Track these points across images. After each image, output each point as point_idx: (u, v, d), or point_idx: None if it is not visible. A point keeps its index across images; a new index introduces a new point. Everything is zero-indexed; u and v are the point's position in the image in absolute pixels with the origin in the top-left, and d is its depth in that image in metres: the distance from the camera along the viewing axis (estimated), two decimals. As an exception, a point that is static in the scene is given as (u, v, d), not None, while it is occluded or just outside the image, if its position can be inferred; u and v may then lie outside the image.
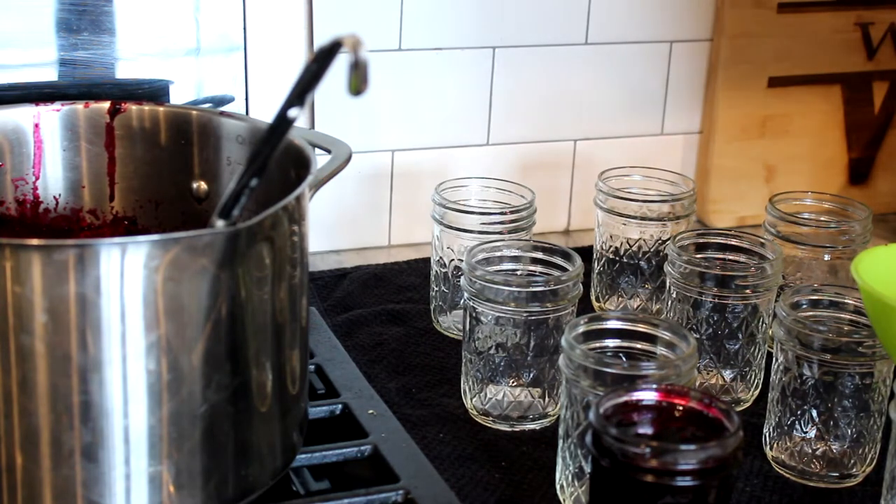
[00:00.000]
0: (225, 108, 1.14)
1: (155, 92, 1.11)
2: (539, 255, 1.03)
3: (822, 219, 1.15)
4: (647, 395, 0.74)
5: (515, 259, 1.03)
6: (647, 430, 0.74)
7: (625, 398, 0.75)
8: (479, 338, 0.99)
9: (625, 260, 1.18)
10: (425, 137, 1.32)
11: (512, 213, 1.13)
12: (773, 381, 0.96)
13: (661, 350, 0.89)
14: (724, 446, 0.70)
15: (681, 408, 0.74)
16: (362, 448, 0.91)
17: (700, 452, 0.70)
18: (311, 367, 1.01)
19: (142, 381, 0.75)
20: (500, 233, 1.12)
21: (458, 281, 1.08)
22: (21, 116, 0.98)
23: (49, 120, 0.98)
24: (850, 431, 0.93)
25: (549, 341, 0.98)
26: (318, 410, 0.95)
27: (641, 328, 0.90)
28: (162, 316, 0.74)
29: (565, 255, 1.01)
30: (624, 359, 0.89)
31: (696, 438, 0.72)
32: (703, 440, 0.71)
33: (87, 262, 0.72)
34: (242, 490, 0.82)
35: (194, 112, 1.00)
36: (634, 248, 1.17)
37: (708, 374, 1.04)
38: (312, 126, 1.25)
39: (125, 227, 1.01)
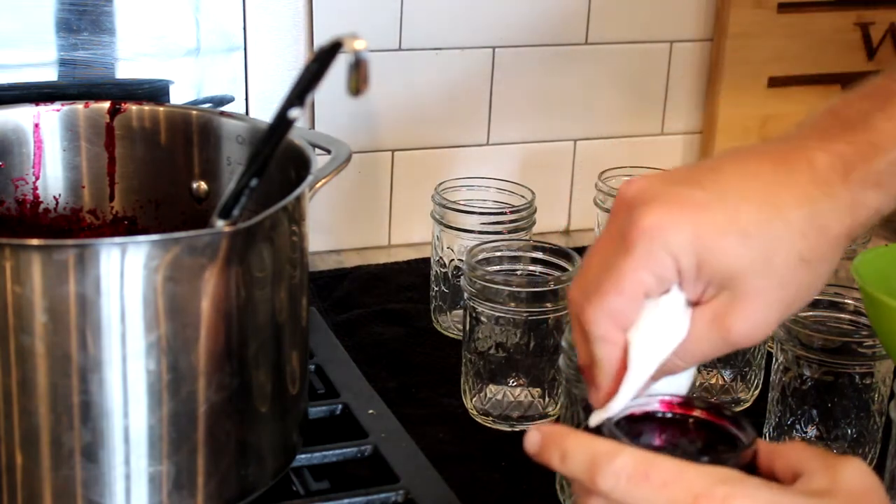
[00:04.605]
0: (225, 108, 1.14)
1: (155, 92, 1.11)
2: (539, 255, 1.03)
3: (822, 219, 1.15)
4: (659, 406, 0.73)
5: (515, 259, 1.04)
6: (658, 441, 0.72)
7: (635, 409, 0.74)
8: (479, 338, 0.99)
9: (625, 260, 1.18)
10: (425, 137, 1.32)
11: (512, 213, 1.13)
12: (773, 381, 0.96)
13: (661, 350, 0.89)
14: (740, 459, 0.69)
15: (692, 419, 0.73)
16: (362, 448, 0.91)
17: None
18: (311, 367, 1.01)
19: (142, 381, 0.75)
20: (500, 233, 1.12)
21: (458, 281, 1.08)
22: (21, 116, 0.98)
23: (49, 120, 0.98)
24: (850, 431, 0.93)
25: (549, 341, 0.98)
26: (318, 410, 0.95)
27: (641, 328, 0.90)
28: (162, 316, 0.74)
29: (565, 255, 1.01)
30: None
31: (710, 451, 0.71)
32: (717, 452, 0.70)
33: (87, 262, 0.72)
34: (242, 490, 0.82)
35: (194, 112, 1.00)
36: (634, 248, 1.17)
37: (708, 374, 1.04)
38: (312, 126, 1.25)
39: (125, 227, 1.01)
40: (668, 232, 0.65)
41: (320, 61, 0.72)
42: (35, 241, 0.72)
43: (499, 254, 1.03)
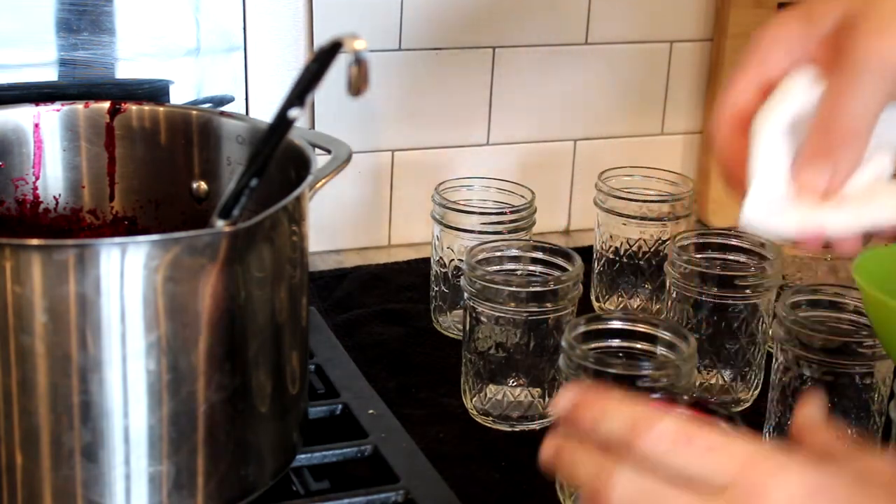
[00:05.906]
0: (225, 108, 1.14)
1: (155, 92, 1.11)
2: (539, 255, 1.03)
3: (822, 219, 1.15)
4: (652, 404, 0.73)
5: (515, 259, 1.03)
6: None
7: None
8: (479, 338, 0.99)
9: (625, 260, 1.18)
10: (425, 137, 1.32)
11: (512, 213, 1.13)
12: (773, 381, 0.96)
13: (661, 350, 0.89)
14: None
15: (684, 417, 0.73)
16: (362, 448, 0.91)
17: None
18: (311, 367, 1.01)
19: (142, 381, 0.75)
20: (500, 233, 1.12)
21: (458, 281, 1.08)
22: (21, 116, 0.98)
23: (49, 120, 0.98)
24: (849, 431, 0.93)
25: (549, 341, 0.98)
26: (318, 410, 0.95)
27: (641, 328, 0.90)
28: (162, 316, 0.74)
29: (565, 255, 1.01)
30: (624, 359, 0.89)
31: None
32: None
33: (87, 262, 0.72)
34: (242, 490, 0.82)
35: (194, 112, 1.00)
36: (634, 248, 1.17)
37: (708, 374, 1.04)
38: (312, 126, 1.25)
39: (125, 227, 1.01)
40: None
41: (320, 61, 0.72)
42: (35, 241, 0.72)
43: (499, 254, 1.03)
